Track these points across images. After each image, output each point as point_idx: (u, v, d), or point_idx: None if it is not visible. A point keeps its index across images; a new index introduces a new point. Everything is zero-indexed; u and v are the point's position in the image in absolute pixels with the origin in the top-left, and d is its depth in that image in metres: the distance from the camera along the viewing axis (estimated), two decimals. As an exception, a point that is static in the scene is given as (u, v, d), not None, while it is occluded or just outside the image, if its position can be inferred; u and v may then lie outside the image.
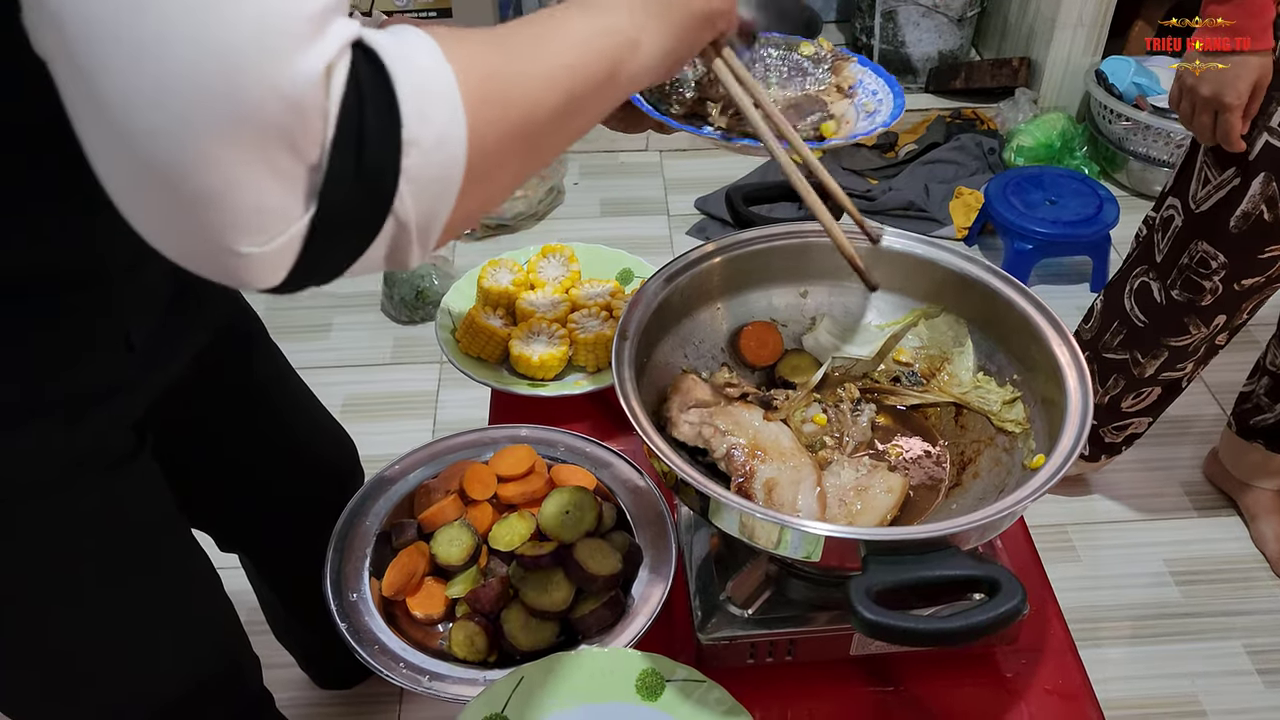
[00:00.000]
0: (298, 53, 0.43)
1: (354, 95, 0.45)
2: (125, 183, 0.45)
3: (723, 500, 0.78)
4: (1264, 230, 1.45)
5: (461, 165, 0.49)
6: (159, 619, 0.92)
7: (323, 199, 0.46)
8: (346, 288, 2.53)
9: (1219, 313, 1.58)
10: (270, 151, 0.44)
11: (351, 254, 0.50)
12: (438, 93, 0.48)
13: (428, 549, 0.99)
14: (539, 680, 0.86)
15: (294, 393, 1.19)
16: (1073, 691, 0.93)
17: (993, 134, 2.95)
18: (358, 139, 0.45)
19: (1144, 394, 1.75)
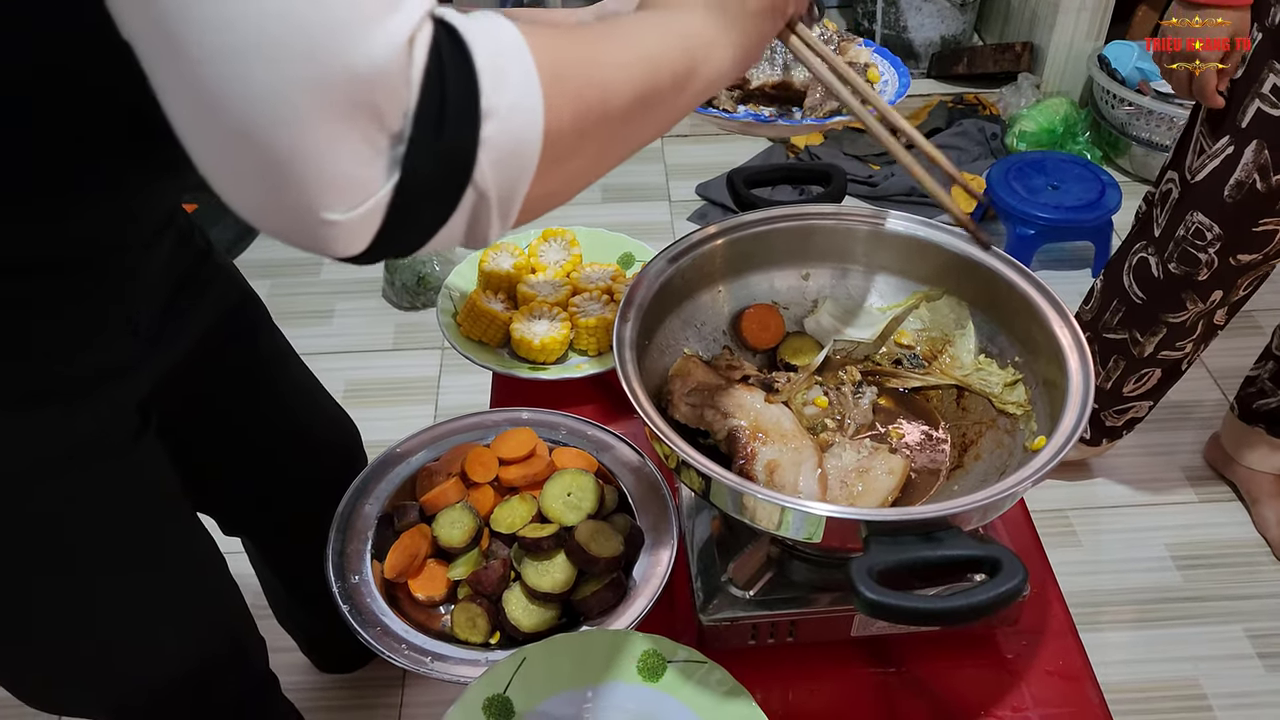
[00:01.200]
0: (381, 22, 0.45)
1: (435, 64, 0.46)
2: (215, 153, 0.46)
3: (724, 481, 0.78)
4: (1257, 200, 1.45)
5: (539, 137, 0.50)
6: (163, 599, 0.93)
7: (406, 167, 0.47)
8: (348, 274, 2.53)
9: (1215, 288, 1.58)
10: (356, 120, 0.45)
11: (434, 223, 0.50)
12: (514, 64, 0.49)
13: (429, 531, 0.99)
14: (541, 661, 0.86)
15: (296, 376, 1.19)
16: (1074, 673, 0.93)
17: (995, 119, 2.94)
18: (439, 107, 0.47)
19: (1145, 376, 1.75)
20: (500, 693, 0.84)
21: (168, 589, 0.93)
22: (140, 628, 0.92)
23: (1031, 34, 3.04)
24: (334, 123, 0.44)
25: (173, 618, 0.94)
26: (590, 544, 0.93)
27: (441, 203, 0.50)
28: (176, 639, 0.95)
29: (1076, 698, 0.91)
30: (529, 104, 0.50)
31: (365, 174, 0.46)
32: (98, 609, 0.87)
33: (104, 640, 0.89)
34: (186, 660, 0.96)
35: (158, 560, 0.91)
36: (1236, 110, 1.42)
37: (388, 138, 0.46)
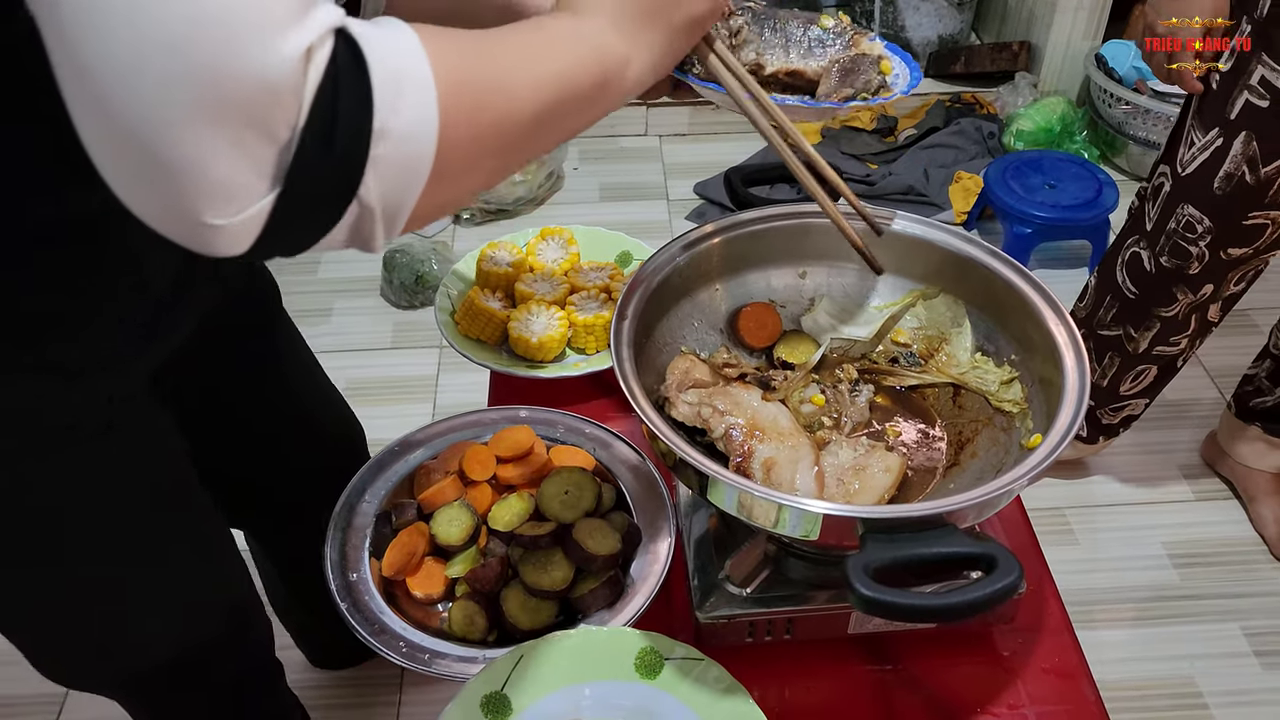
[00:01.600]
0: (279, 34, 0.44)
1: (330, 81, 0.47)
2: (102, 148, 0.46)
3: (721, 479, 0.78)
4: (1246, 193, 1.45)
5: (429, 160, 0.51)
6: (170, 573, 0.94)
7: (289, 179, 0.47)
8: (347, 273, 2.53)
9: (1206, 281, 1.58)
10: (242, 131, 0.45)
11: (315, 233, 0.51)
12: (412, 87, 0.49)
13: (427, 529, 0.99)
14: (538, 659, 0.86)
15: (304, 363, 1.19)
16: (1069, 670, 0.93)
17: (992, 118, 2.94)
18: (329, 124, 0.47)
19: (1141, 373, 1.75)
20: (498, 690, 0.85)
21: (173, 563, 0.94)
22: (143, 596, 0.92)
23: (1029, 33, 3.04)
24: (217, 133, 0.44)
25: (177, 589, 0.95)
26: (588, 541, 0.93)
27: (325, 215, 0.50)
28: (180, 610, 0.97)
29: (1072, 695, 0.91)
30: (423, 126, 0.50)
31: (246, 183, 0.47)
32: (98, 577, 0.88)
33: (103, 607, 0.90)
34: (193, 632, 0.98)
35: (164, 533, 0.91)
36: (1225, 102, 1.43)
37: (275, 150, 0.46)
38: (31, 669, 0.96)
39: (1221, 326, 1.70)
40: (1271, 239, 1.51)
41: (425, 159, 0.51)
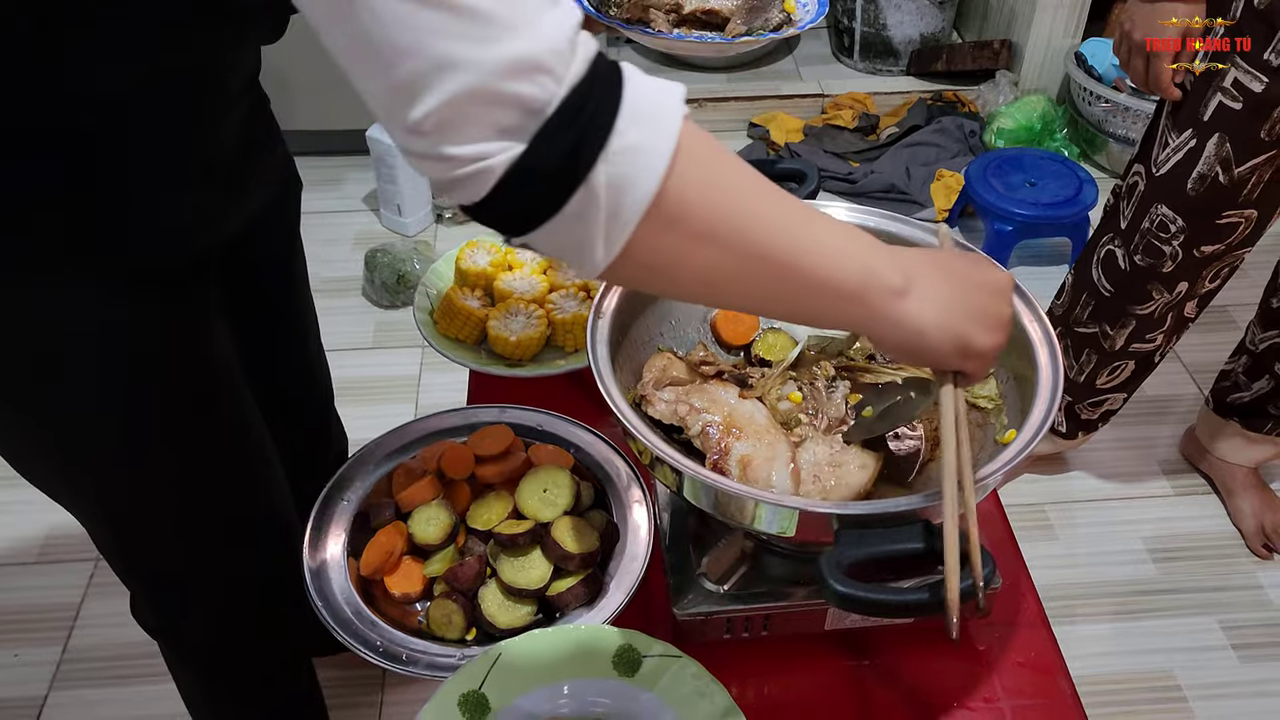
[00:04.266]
0: (544, 14, 0.52)
1: (590, 74, 0.53)
2: (377, 94, 0.53)
3: (697, 477, 0.79)
4: (1220, 193, 1.47)
5: (656, 180, 0.55)
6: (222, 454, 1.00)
7: (534, 140, 0.53)
8: (329, 272, 2.53)
9: (1181, 279, 1.60)
10: (505, 107, 0.51)
11: (543, 205, 0.55)
12: (657, 117, 0.55)
13: (405, 529, 0.99)
14: (516, 657, 0.86)
15: (307, 303, 1.23)
16: (1045, 665, 0.94)
17: (974, 116, 2.96)
18: (578, 109, 0.53)
19: (1118, 369, 1.76)
20: (476, 689, 0.85)
21: (221, 445, 0.99)
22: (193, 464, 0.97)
23: (1010, 31, 3.06)
24: (483, 103, 0.51)
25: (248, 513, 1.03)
26: (566, 540, 0.93)
27: (555, 187, 0.54)
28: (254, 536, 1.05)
29: (1048, 689, 0.92)
30: (657, 148, 0.55)
31: (490, 140, 0.52)
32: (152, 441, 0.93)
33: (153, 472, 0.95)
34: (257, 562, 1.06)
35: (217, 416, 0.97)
36: (1199, 103, 1.44)
37: (532, 118, 0.52)
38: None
39: (1200, 323, 1.72)
40: (1244, 235, 1.52)
41: (652, 176, 0.55)
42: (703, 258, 0.59)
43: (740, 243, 0.60)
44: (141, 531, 1.00)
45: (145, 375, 0.88)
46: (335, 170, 2.86)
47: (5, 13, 0.67)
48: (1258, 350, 1.80)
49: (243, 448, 1.00)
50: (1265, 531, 1.89)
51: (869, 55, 3.19)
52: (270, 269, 1.09)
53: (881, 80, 3.18)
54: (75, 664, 1.69)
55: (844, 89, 3.09)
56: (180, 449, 0.94)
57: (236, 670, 1.17)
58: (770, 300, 0.65)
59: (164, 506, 0.98)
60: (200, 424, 0.94)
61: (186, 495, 0.98)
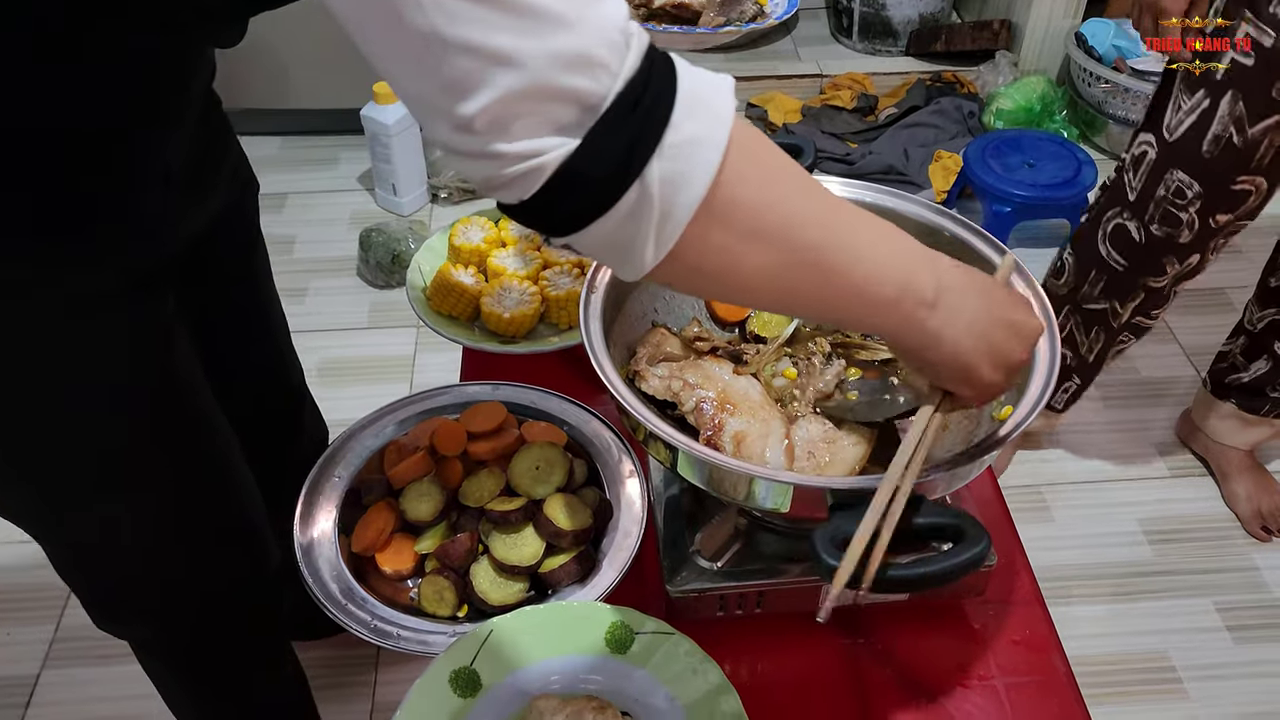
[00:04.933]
0: (609, 15, 0.50)
1: (645, 67, 0.52)
2: (422, 85, 0.50)
3: (691, 452, 0.78)
4: (1235, 156, 1.45)
5: (709, 176, 0.53)
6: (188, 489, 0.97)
7: (588, 136, 0.51)
8: (323, 252, 2.51)
9: (1194, 250, 1.58)
10: (559, 102, 0.50)
11: (596, 203, 0.53)
12: (710, 112, 0.54)
13: (397, 505, 0.98)
14: (508, 634, 0.86)
15: (271, 299, 1.20)
16: (1040, 643, 0.93)
17: (973, 97, 2.94)
18: (634, 103, 0.51)
19: (1123, 343, 1.76)
20: (467, 665, 0.84)
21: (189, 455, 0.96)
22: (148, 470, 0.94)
23: (1009, 11, 3.04)
24: (537, 99, 0.49)
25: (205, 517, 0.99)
26: (558, 517, 0.93)
27: (608, 185, 0.52)
28: (211, 538, 1.01)
29: (1042, 667, 0.91)
30: (710, 142, 0.53)
31: (544, 136, 0.51)
32: (112, 449, 0.89)
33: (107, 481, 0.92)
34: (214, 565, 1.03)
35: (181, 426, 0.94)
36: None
37: (587, 113, 0.51)
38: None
39: (1198, 305, 1.72)
40: (1252, 206, 1.51)
41: (707, 171, 0.53)
42: (751, 258, 0.58)
43: (790, 244, 0.59)
44: (101, 544, 0.96)
45: (106, 383, 0.85)
46: (330, 150, 2.84)
47: None
48: (1256, 329, 1.79)
49: (208, 452, 0.98)
50: (1262, 514, 1.89)
51: (868, 36, 3.17)
52: (231, 270, 1.07)
53: (880, 61, 3.15)
54: (67, 643, 1.69)
55: (842, 69, 3.07)
56: (143, 456, 0.91)
57: (210, 670, 1.15)
58: (807, 303, 0.64)
59: (125, 515, 0.94)
60: (164, 430, 0.92)
61: (150, 502, 0.95)
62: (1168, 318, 2.29)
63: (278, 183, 2.72)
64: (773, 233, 0.58)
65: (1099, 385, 2.16)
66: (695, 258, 0.56)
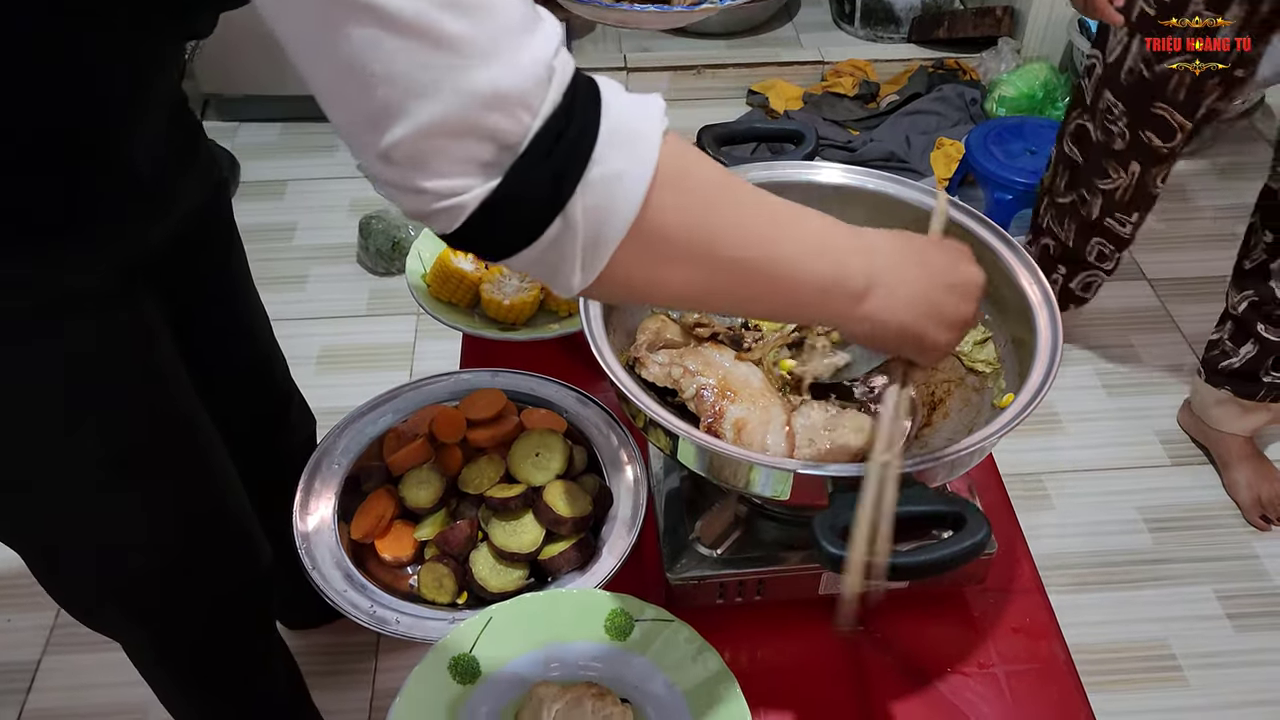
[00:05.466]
0: (525, 48, 0.50)
1: (567, 103, 0.52)
2: (345, 112, 0.51)
3: (692, 439, 0.78)
4: (1146, 87, 1.66)
5: (634, 208, 0.54)
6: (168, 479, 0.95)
7: (507, 176, 0.52)
8: (322, 239, 2.51)
9: (1133, 158, 1.77)
10: (477, 140, 0.50)
11: (518, 236, 0.54)
12: (636, 142, 0.54)
13: (396, 492, 0.98)
14: (508, 621, 0.86)
15: (250, 297, 1.18)
16: (1040, 630, 0.93)
17: (975, 84, 2.93)
18: (555, 139, 0.51)
19: (1099, 244, 1.91)
20: (466, 652, 0.84)
21: (166, 455, 0.94)
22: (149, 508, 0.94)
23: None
24: (454, 136, 0.50)
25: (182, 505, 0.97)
26: (558, 504, 0.93)
27: (531, 220, 0.53)
28: (185, 525, 0.99)
29: (1042, 654, 0.91)
30: (635, 174, 0.54)
31: (467, 178, 0.51)
32: (86, 459, 0.88)
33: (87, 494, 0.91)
34: (185, 551, 1.00)
35: (157, 418, 0.92)
36: (1132, 4, 1.61)
37: (507, 153, 0.51)
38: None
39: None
40: (1187, 137, 1.70)
41: (631, 203, 0.54)
42: (677, 277, 0.59)
43: (715, 262, 0.60)
44: (81, 546, 0.96)
45: (85, 389, 0.85)
46: (330, 136, 2.83)
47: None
48: (1238, 313, 1.82)
49: (192, 452, 0.97)
50: (1262, 503, 1.89)
51: (870, 22, 3.15)
52: (208, 270, 1.06)
53: (882, 47, 3.14)
54: (68, 629, 1.69)
55: (844, 56, 3.06)
56: (125, 457, 0.90)
57: (202, 668, 1.15)
58: (739, 309, 0.68)
59: (108, 518, 0.94)
60: (145, 431, 0.91)
61: (134, 504, 0.94)
62: (1169, 306, 2.30)
63: (277, 169, 2.72)
64: (697, 254, 0.59)
65: (1100, 373, 2.16)
66: (624, 279, 0.58)
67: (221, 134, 2.81)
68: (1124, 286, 2.37)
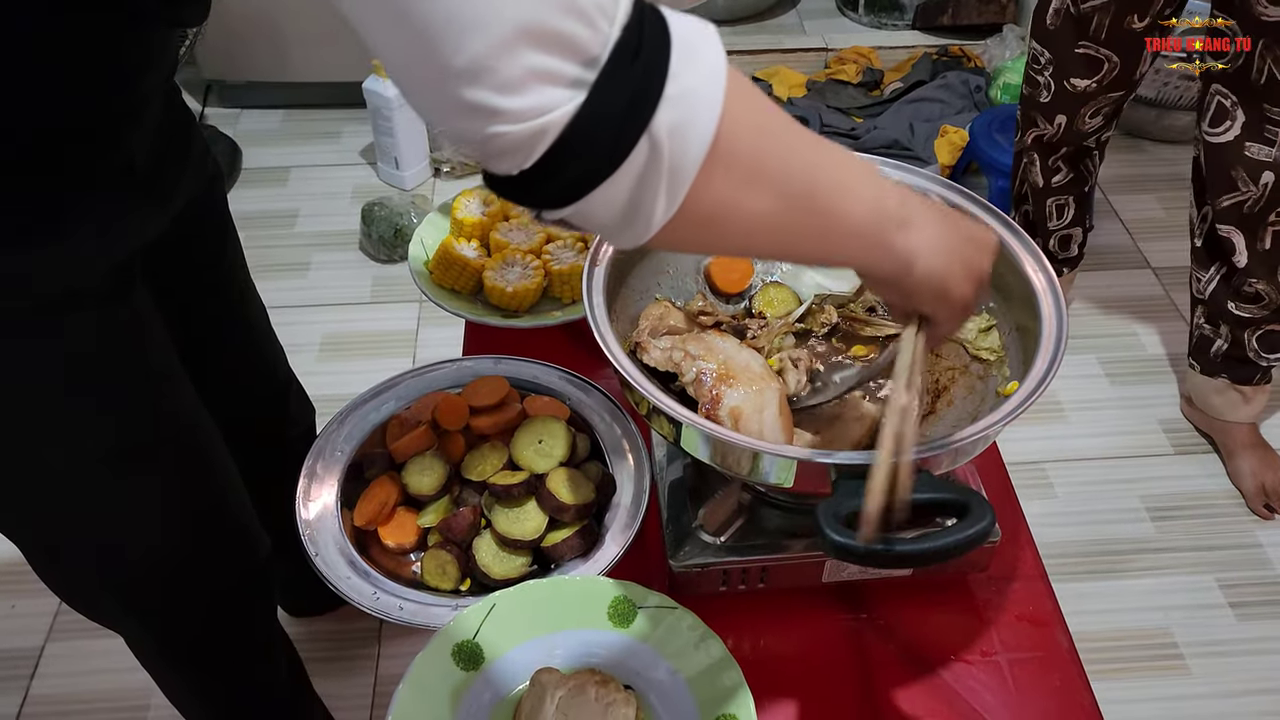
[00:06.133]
0: None
1: (638, 17, 0.50)
2: (404, 60, 0.48)
3: (696, 426, 0.77)
4: (1072, 24, 1.70)
5: (712, 127, 0.52)
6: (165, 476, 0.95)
7: (592, 91, 0.48)
8: (325, 226, 2.50)
9: (1058, 111, 1.84)
10: (558, 51, 0.47)
11: (604, 165, 0.50)
12: (705, 62, 0.52)
13: (399, 479, 0.98)
14: (511, 608, 0.86)
15: (247, 289, 1.18)
16: (1043, 618, 0.93)
17: (979, 72, 2.91)
18: (634, 52, 0.49)
19: (1057, 205, 2.01)
20: (470, 639, 0.84)
21: (164, 446, 0.93)
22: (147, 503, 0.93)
23: (1017, -15, 3.01)
24: (533, 46, 0.46)
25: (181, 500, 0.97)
26: (561, 491, 0.93)
27: (617, 143, 0.50)
28: (185, 522, 0.98)
29: (1045, 642, 0.91)
30: (710, 90, 0.52)
31: (546, 92, 0.47)
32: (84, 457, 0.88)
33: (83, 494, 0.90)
34: (186, 547, 1.00)
35: (150, 414, 0.91)
36: None
37: (579, 66, 0.48)
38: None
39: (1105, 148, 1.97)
40: (1113, 77, 1.75)
41: (710, 118, 0.51)
42: (752, 203, 0.57)
43: (787, 185, 0.58)
44: (79, 548, 0.95)
45: (84, 388, 0.84)
46: (332, 123, 2.82)
47: None
48: (1206, 296, 1.85)
49: (190, 445, 0.97)
50: (1266, 491, 1.89)
51: (874, 9, 3.14)
52: (203, 262, 1.06)
53: (887, 35, 3.13)
54: (72, 615, 1.68)
55: (848, 43, 3.05)
56: (121, 452, 0.90)
57: (202, 659, 1.15)
58: (800, 242, 0.64)
59: (106, 512, 0.93)
60: (142, 425, 0.90)
61: (133, 497, 0.94)
62: (1172, 295, 2.29)
63: (280, 156, 2.71)
64: (771, 176, 0.57)
65: (1103, 362, 2.16)
66: (704, 210, 0.55)
67: (224, 121, 2.80)
68: (1127, 275, 2.37)
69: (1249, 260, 1.74)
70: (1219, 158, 1.68)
